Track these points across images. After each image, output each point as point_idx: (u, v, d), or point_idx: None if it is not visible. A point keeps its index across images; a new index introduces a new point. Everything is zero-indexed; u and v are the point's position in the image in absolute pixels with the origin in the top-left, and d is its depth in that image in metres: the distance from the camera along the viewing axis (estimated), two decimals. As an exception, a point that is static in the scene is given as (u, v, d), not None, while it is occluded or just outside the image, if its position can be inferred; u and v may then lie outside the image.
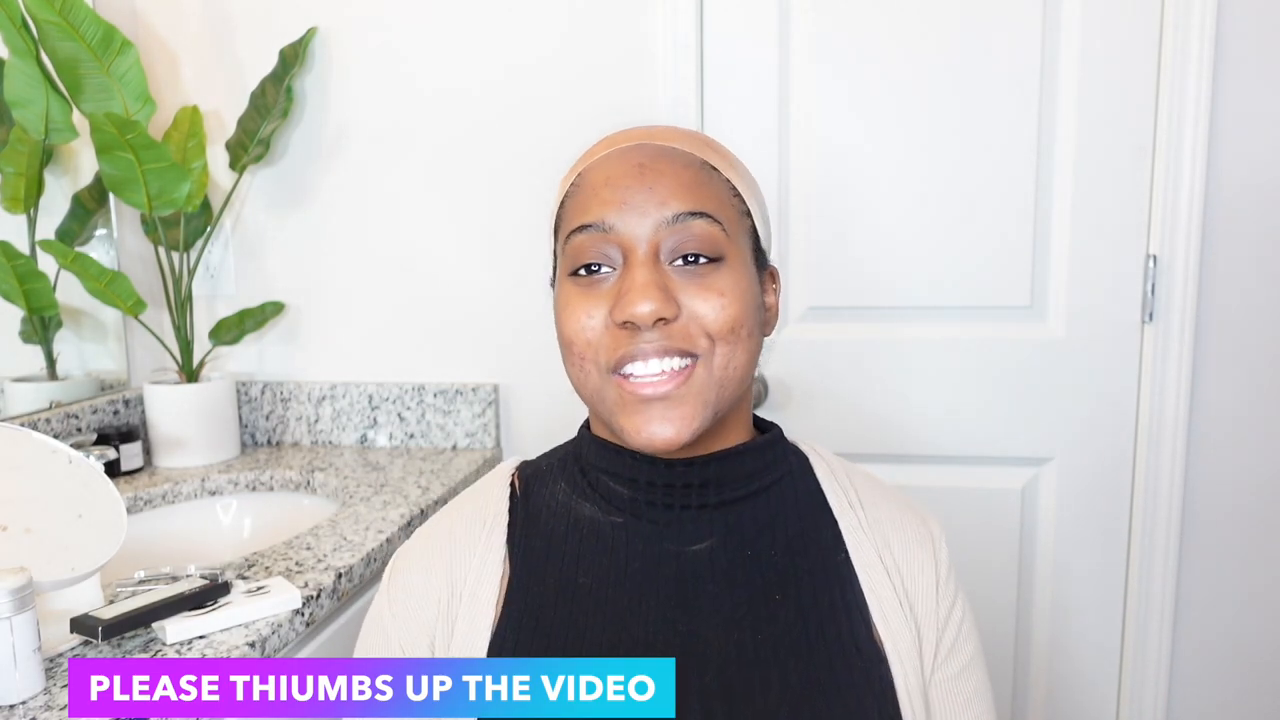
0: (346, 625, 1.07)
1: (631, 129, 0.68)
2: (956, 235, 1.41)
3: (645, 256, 0.61)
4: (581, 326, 0.62)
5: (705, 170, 0.64)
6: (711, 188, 0.63)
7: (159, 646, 0.85)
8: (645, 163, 0.63)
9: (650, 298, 0.59)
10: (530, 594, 0.67)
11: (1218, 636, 1.44)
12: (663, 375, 0.60)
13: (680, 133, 0.67)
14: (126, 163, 1.33)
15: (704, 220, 0.61)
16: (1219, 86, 1.32)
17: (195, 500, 1.41)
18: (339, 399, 1.62)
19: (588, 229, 0.62)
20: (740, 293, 0.62)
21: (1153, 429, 1.39)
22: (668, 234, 0.61)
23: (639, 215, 0.61)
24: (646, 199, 0.61)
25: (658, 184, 0.61)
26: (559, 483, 0.72)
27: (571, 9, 1.46)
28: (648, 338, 0.60)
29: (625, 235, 0.61)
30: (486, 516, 0.71)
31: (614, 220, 0.61)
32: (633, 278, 0.60)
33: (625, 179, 0.62)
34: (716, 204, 0.63)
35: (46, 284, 1.36)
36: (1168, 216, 1.35)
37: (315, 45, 1.54)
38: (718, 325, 0.61)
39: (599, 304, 0.62)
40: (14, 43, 1.29)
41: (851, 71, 1.41)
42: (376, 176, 1.56)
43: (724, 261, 0.62)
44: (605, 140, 0.68)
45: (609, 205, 0.61)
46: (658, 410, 0.60)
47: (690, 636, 0.64)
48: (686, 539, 0.67)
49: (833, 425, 1.48)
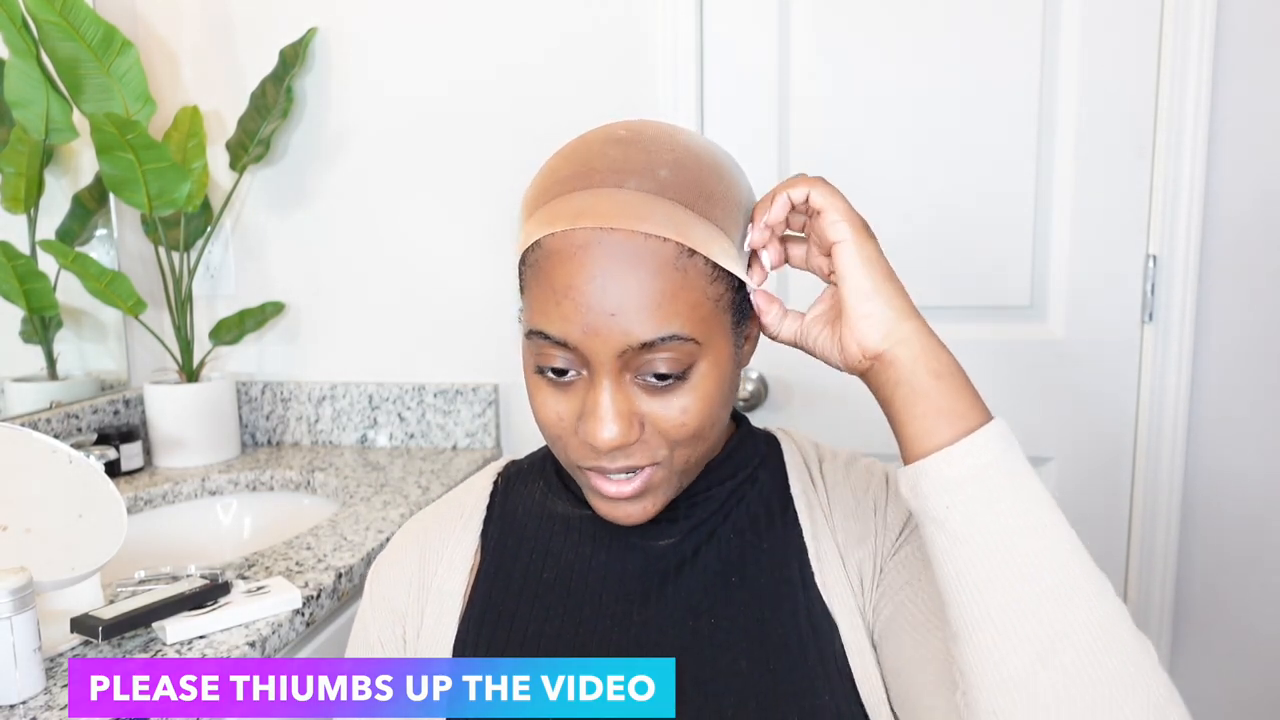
0: (346, 625, 1.07)
1: (597, 182, 0.57)
2: (957, 235, 1.41)
3: (608, 378, 0.57)
4: (552, 423, 0.61)
5: (680, 266, 0.56)
6: (685, 293, 0.56)
7: (159, 646, 0.85)
8: (608, 271, 0.55)
9: (611, 429, 0.57)
10: (496, 587, 0.69)
11: (1218, 636, 1.44)
12: (624, 478, 0.61)
13: (653, 195, 0.57)
14: (127, 163, 1.33)
15: (675, 343, 0.56)
16: (1219, 86, 1.32)
17: (195, 500, 1.41)
18: (339, 399, 1.62)
19: (548, 340, 0.58)
20: (707, 401, 0.59)
21: (1153, 429, 1.39)
22: (634, 356, 0.57)
23: (602, 342, 0.56)
24: (607, 327, 0.55)
25: (620, 308, 0.55)
26: (537, 481, 0.75)
27: (572, 8, 1.46)
28: (610, 457, 0.59)
29: (587, 356, 0.57)
30: (463, 511, 0.73)
31: (576, 341, 0.57)
32: (596, 400, 0.58)
33: (587, 293, 0.55)
34: (689, 313, 0.56)
35: (47, 284, 1.36)
36: (1168, 216, 1.35)
37: (315, 45, 1.54)
38: (680, 437, 0.60)
39: (568, 404, 0.60)
40: (14, 43, 1.29)
41: (851, 71, 1.41)
42: (376, 176, 1.56)
43: (693, 370, 0.58)
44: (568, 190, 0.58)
45: (570, 323, 0.56)
46: (622, 504, 0.62)
47: (644, 628, 0.65)
48: (654, 534, 0.68)
49: (833, 425, 1.48)
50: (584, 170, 0.58)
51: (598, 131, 0.62)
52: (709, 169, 0.59)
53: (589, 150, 0.60)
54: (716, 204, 0.58)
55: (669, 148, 0.59)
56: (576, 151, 0.60)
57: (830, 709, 0.61)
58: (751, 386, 1.49)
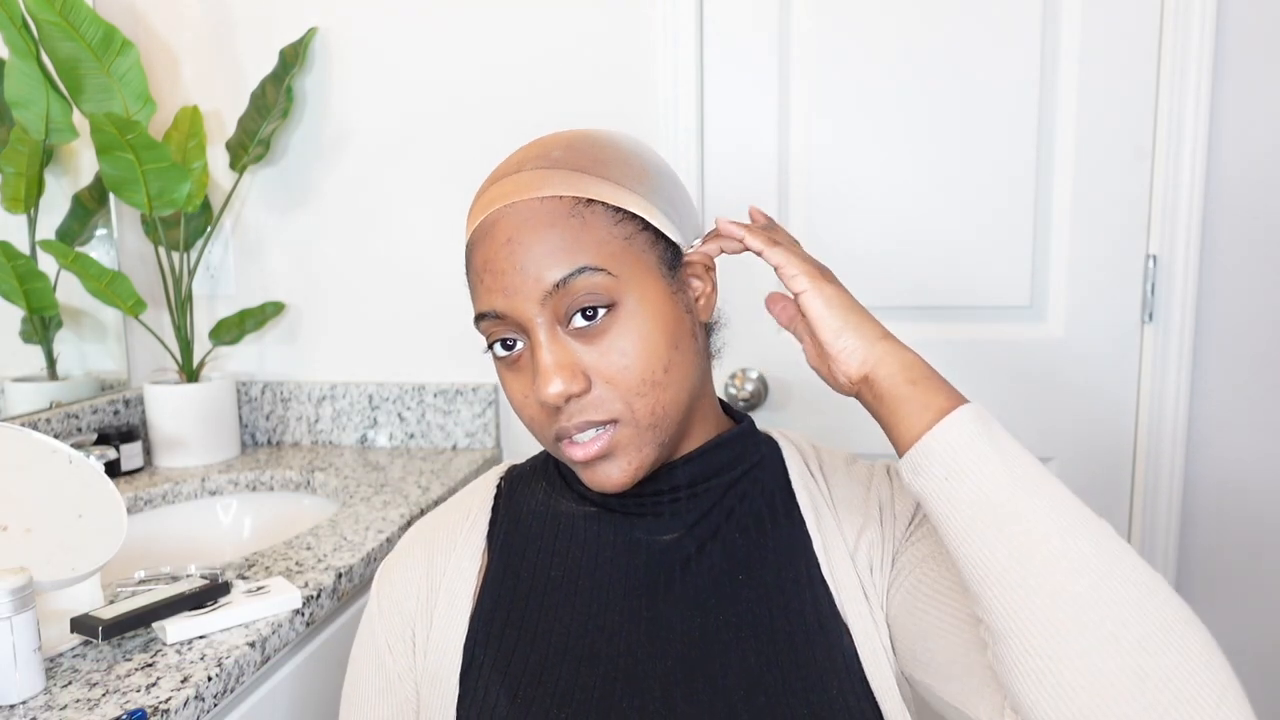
0: (346, 625, 1.07)
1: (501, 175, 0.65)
2: (957, 235, 1.42)
3: (544, 332, 0.61)
4: (520, 406, 0.65)
5: (577, 214, 0.61)
6: (587, 232, 0.61)
7: (159, 646, 0.85)
8: (513, 236, 0.61)
9: (552, 381, 0.60)
10: (505, 587, 0.70)
11: (1217, 635, 1.43)
12: (591, 436, 0.63)
13: (549, 167, 0.64)
14: (126, 163, 1.33)
15: (584, 275, 0.60)
16: (1219, 86, 1.32)
17: (195, 500, 1.41)
18: (339, 399, 1.62)
19: (485, 318, 0.63)
20: (645, 339, 0.62)
21: (1152, 429, 1.39)
22: (556, 302, 0.61)
23: (523, 297, 0.61)
24: (522, 280, 0.61)
25: (528, 259, 0.60)
26: (540, 483, 0.76)
27: (572, 8, 1.46)
28: (568, 413, 0.62)
29: (517, 318, 0.62)
30: (469, 515, 0.74)
31: (504, 307, 0.61)
32: (537, 360, 0.61)
33: (499, 260, 0.61)
34: (595, 248, 0.61)
35: (47, 284, 1.36)
36: (1168, 216, 1.35)
37: (315, 45, 1.54)
38: (628, 384, 0.61)
39: (525, 382, 0.64)
40: (14, 43, 1.29)
41: (851, 71, 1.41)
42: (377, 176, 1.56)
43: (619, 306, 0.61)
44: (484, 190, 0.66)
45: (494, 292, 0.62)
46: (600, 465, 0.64)
47: (653, 621, 0.66)
48: (658, 530, 0.69)
49: (833, 425, 1.48)
50: (493, 175, 0.67)
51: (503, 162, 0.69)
52: (604, 145, 0.66)
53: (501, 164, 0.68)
54: (611, 166, 0.64)
55: (567, 138, 0.66)
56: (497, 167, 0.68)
57: (840, 702, 0.62)
58: (751, 386, 1.49)
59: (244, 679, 0.84)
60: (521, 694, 0.64)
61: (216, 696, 0.80)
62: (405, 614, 0.71)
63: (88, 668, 0.81)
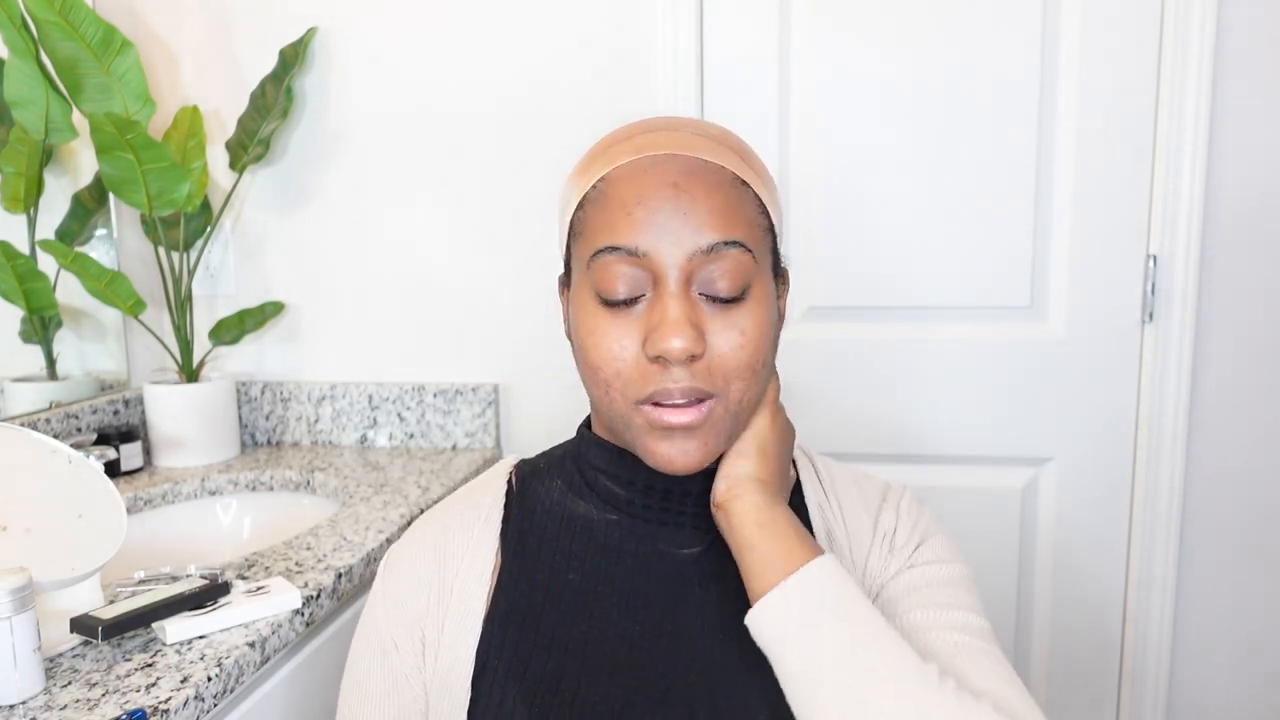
0: (346, 625, 1.07)
1: (655, 129, 0.64)
2: (957, 235, 1.42)
3: (678, 286, 0.59)
4: (612, 357, 0.61)
5: (736, 188, 0.61)
6: (743, 210, 0.61)
7: (159, 647, 0.85)
8: (679, 181, 0.59)
9: (684, 334, 0.58)
10: (519, 588, 0.68)
11: (1218, 635, 1.44)
12: (686, 405, 0.61)
13: (709, 139, 0.63)
14: (126, 163, 1.33)
15: (737, 250, 0.60)
16: (1219, 86, 1.32)
17: (195, 500, 1.41)
18: (339, 399, 1.62)
19: (617, 251, 0.59)
20: (762, 328, 0.62)
21: (1153, 429, 1.39)
22: (701, 263, 0.59)
23: (673, 243, 0.59)
24: (682, 225, 0.59)
25: (693, 209, 0.59)
26: (555, 480, 0.73)
27: (573, 8, 1.46)
28: (676, 375, 0.59)
29: (658, 262, 0.59)
30: (481, 511, 0.72)
31: (648, 246, 0.59)
32: (665, 310, 0.59)
33: (658, 199, 0.59)
34: (747, 228, 0.61)
35: (46, 284, 1.36)
36: (1168, 216, 1.35)
37: (315, 45, 1.54)
38: (736, 365, 0.61)
39: (629, 333, 0.60)
40: (14, 43, 1.29)
41: (852, 70, 1.41)
42: (376, 176, 1.56)
43: (750, 292, 0.61)
44: (625, 139, 0.64)
45: (642, 228, 0.59)
46: (679, 439, 0.61)
47: (677, 636, 0.65)
48: (679, 542, 0.68)
49: (833, 425, 1.48)
50: (640, 128, 0.65)
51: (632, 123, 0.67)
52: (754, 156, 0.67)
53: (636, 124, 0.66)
54: (755, 162, 0.66)
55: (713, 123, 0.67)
56: (622, 128, 0.66)
57: None
58: (751, 386, 1.49)
59: (244, 679, 0.84)
60: (539, 702, 0.63)
61: (216, 697, 0.80)
62: (414, 612, 0.69)
63: (87, 668, 0.81)
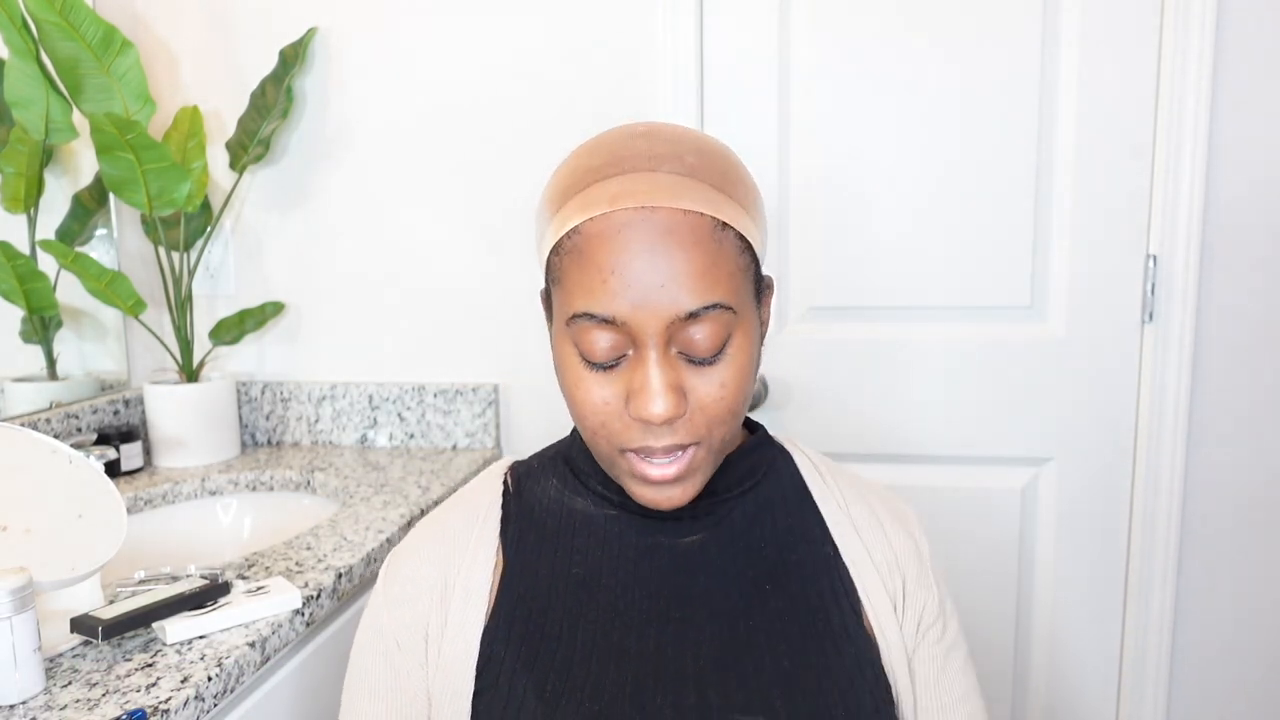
0: (346, 625, 1.07)
1: (632, 164, 0.61)
2: (957, 235, 1.42)
3: (657, 352, 0.59)
4: (595, 410, 0.62)
5: (716, 238, 0.59)
6: (723, 262, 0.59)
7: (159, 647, 0.85)
8: (655, 245, 0.58)
9: (665, 401, 0.58)
10: (524, 584, 0.69)
11: (1217, 635, 1.44)
12: (669, 461, 0.62)
13: (686, 172, 0.61)
14: (126, 163, 1.33)
15: (717, 311, 0.59)
16: (1219, 86, 1.32)
17: (195, 500, 1.41)
18: (339, 399, 1.62)
19: (595, 319, 0.59)
20: (742, 375, 0.62)
21: (1153, 429, 1.39)
22: (680, 327, 0.59)
23: (651, 313, 0.58)
24: (659, 295, 0.58)
25: (670, 278, 0.58)
26: (550, 479, 0.74)
27: (573, 9, 1.46)
28: (658, 434, 0.60)
29: (637, 330, 0.59)
30: (479, 511, 0.73)
31: (625, 316, 0.58)
32: (646, 377, 0.59)
33: (635, 269, 0.58)
34: (728, 283, 0.59)
35: (46, 284, 1.36)
36: (1168, 216, 1.35)
37: (315, 45, 1.54)
38: (718, 413, 0.61)
39: (613, 389, 0.61)
40: (14, 43, 1.29)
41: (852, 71, 1.41)
42: (376, 176, 1.56)
43: (730, 343, 0.61)
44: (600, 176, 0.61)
45: (618, 298, 0.58)
46: (665, 487, 0.63)
47: (683, 622, 0.66)
48: (678, 533, 0.70)
49: (833, 425, 1.48)
50: (614, 160, 0.61)
51: (615, 130, 0.65)
52: (726, 157, 0.64)
53: (614, 144, 0.63)
54: (737, 186, 0.63)
55: (690, 140, 0.63)
56: (601, 145, 0.63)
57: (869, 707, 0.64)
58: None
59: (244, 679, 0.84)
60: (550, 689, 0.64)
61: (216, 697, 0.80)
62: (418, 611, 0.70)
63: (88, 668, 0.81)
